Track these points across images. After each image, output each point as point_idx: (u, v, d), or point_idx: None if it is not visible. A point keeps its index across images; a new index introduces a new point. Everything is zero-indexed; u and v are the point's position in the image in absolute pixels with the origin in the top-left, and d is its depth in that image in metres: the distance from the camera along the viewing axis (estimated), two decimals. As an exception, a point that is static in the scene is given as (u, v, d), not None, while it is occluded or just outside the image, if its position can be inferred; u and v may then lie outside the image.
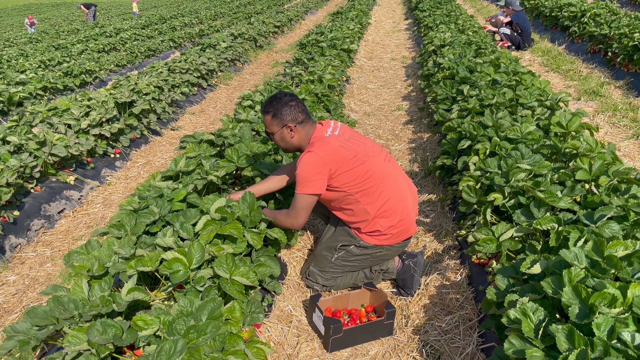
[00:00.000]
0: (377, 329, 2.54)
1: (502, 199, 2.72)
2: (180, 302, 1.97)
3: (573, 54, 7.68)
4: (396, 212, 2.60)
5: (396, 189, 2.61)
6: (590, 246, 1.97)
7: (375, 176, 2.54)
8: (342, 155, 2.48)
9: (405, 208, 2.64)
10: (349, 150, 2.51)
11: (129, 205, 2.77)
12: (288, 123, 2.57)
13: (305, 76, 5.89)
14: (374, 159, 2.58)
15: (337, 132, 2.60)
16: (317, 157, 2.45)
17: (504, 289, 2.12)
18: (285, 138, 2.62)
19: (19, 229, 3.77)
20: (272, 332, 2.54)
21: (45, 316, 2.05)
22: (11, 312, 3.06)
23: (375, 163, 2.57)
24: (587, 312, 1.69)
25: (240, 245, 2.49)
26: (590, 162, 2.75)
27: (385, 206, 2.57)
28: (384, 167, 2.61)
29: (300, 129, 2.60)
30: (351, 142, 2.57)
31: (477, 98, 4.16)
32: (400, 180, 2.67)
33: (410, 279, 2.78)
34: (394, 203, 2.59)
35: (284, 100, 2.58)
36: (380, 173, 2.56)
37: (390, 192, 2.58)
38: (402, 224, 2.63)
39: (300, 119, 2.59)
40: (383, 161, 2.63)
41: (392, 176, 2.62)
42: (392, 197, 2.58)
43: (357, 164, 2.50)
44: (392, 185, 2.60)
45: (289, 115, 2.56)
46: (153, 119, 5.97)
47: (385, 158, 2.66)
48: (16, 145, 4.27)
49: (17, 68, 9.13)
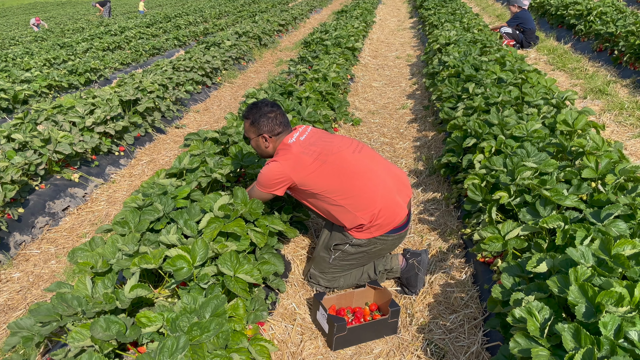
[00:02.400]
0: (381, 328, 2.52)
1: (508, 197, 2.70)
2: (184, 299, 1.96)
3: (579, 52, 7.63)
4: (373, 202, 2.56)
5: (368, 178, 2.58)
6: (597, 245, 1.95)
7: (342, 171, 2.55)
8: (302, 161, 2.52)
9: (385, 195, 2.59)
10: (310, 155, 2.54)
11: (133, 202, 2.77)
12: (264, 133, 2.64)
13: (309, 74, 5.88)
14: (339, 155, 2.58)
15: (303, 137, 2.63)
16: (277, 167, 2.54)
17: (509, 288, 2.10)
18: (260, 146, 2.71)
19: (23, 226, 3.78)
20: (275, 330, 2.54)
21: (48, 313, 2.05)
22: (15, 309, 3.06)
23: (340, 158, 2.57)
24: (593, 311, 1.67)
25: (244, 242, 2.49)
26: (597, 160, 2.73)
27: (359, 198, 2.55)
28: (353, 159, 2.60)
29: (275, 139, 2.67)
30: (315, 145, 2.58)
31: (483, 96, 4.14)
32: (376, 167, 2.64)
33: (415, 278, 2.77)
34: (369, 192, 2.56)
35: (263, 111, 2.64)
36: (348, 167, 2.56)
37: (361, 183, 2.56)
38: (385, 211, 2.58)
39: (277, 132, 2.65)
40: (352, 153, 2.62)
41: (362, 166, 2.60)
42: (365, 187, 2.56)
43: (318, 165, 2.53)
44: (363, 175, 2.58)
45: (265, 127, 2.63)
46: (157, 117, 5.97)
47: (355, 149, 2.65)
48: (21, 143, 4.28)
49: (22, 66, 9.16)
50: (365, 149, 2.71)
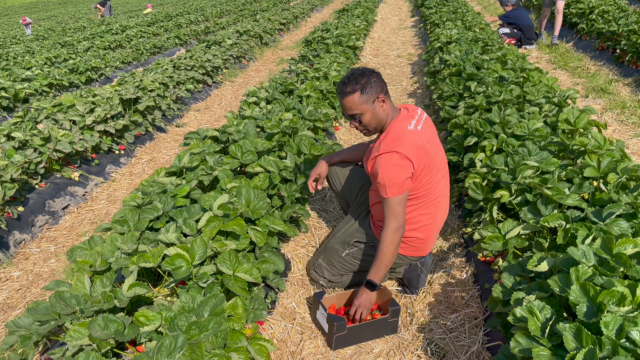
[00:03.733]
0: (382, 327, 2.51)
1: (509, 196, 2.69)
2: (182, 298, 1.95)
3: (581, 51, 7.61)
4: (426, 229, 2.54)
5: (436, 207, 2.53)
6: (598, 244, 1.94)
7: (430, 189, 2.45)
8: (421, 156, 2.32)
9: (434, 229, 2.59)
10: (428, 154, 2.36)
11: (133, 201, 2.76)
12: (379, 95, 2.34)
13: (310, 73, 5.86)
14: (438, 172, 2.47)
15: (420, 126, 2.40)
16: (400, 156, 2.26)
17: (510, 287, 2.09)
18: (378, 113, 2.37)
19: (23, 224, 3.77)
20: (275, 329, 2.52)
21: (47, 312, 2.04)
22: (15, 308, 3.06)
23: (437, 176, 2.46)
24: (595, 311, 1.66)
25: (244, 241, 2.48)
26: (599, 159, 2.72)
27: (420, 219, 2.51)
28: (441, 184, 2.52)
29: (387, 99, 2.39)
30: (430, 145, 2.41)
31: (484, 95, 4.12)
32: (443, 202, 2.59)
33: (417, 279, 2.75)
34: (429, 219, 2.52)
35: (367, 74, 2.35)
36: (435, 188, 2.47)
37: (430, 209, 2.50)
38: (425, 241, 2.58)
39: (385, 89, 2.40)
40: (442, 179, 2.53)
41: (441, 195, 2.54)
42: (430, 214, 2.51)
43: (427, 171, 2.37)
44: (436, 203, 2.51)
45: (377, 87, 2.34)
46: (158, 116, 5.96)
47: (444, 176, 2.57)
48: (21, 141, 4.27)
49: (23, 65, 9.15)
50: (447, 177, 2.62)
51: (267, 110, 4.55)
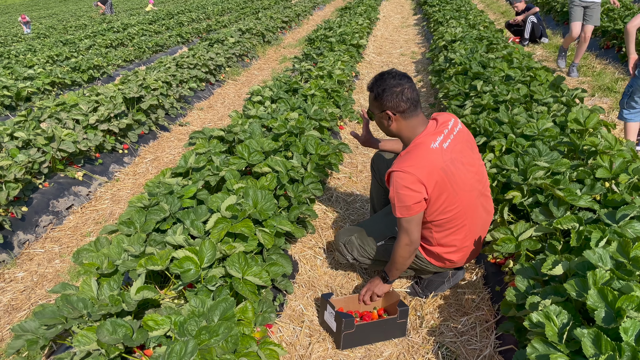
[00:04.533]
0: (390, 328, 2.47)
1: (521, 197, 2.65)
2: (192, 302, 1.92)
3: (586, 49, 7.56)
4: (463, 251, 2.49)
5: (470, 230, 2.44)
6: (614, 247, 1.90)
7: (459, 212, 2.34)
8: (439, 180, 2.21)
9: (469, 251, 2.52)
10: (449, 175, 2.24)
11: (139, 202, 2.73)
12: (387, 110, 2.27)
13: (314, 71, 5.83)
14: (467, 194, 2.34)
15: (446, 143, 2.27)
16: (412, 176, 2.17)
17: (524, 291, 2.05)
18: (383, 124, 2.35)
19: (27, 225, 3.74)
20: (284, 332, 2.50)
21: (53, 315, 2.01)
22: (19, 310, 3.03)
23: (466, 198, 2.34)
24: (613, 316, 1.63)
25: (252, 243, 2.45)
26: (611, 159, 2.68)
27: (454, 242, 2.44)
28: (474, 203, 2.40)
29: (401, 119, 2.28)
30: (455, 165, 2.28)
31: (491, 94, 4.09)
32: (479, 222, 2.49)
33: (439, 285, 2.69)
34: (462, 242, 2.45)
35: (388, 83, 2.25)
36: (466, 209, 2.36)
37: (463, 233, 2.42)
38: (459, 260, 2.54)
39: (402, 109, 2.25)
40: (476, 198, 2.41)
41: (476, 213, 2.43)
42: (465, 236, 2.44)
43: (449, 194, 2.27)
44: (470, 222, 2.42)
45: (389, 102, 2.25)
46: (161, 115, 5.93)
47: (480, 193, 2.44)
48: (24, 141, 4.24)
49: (25, 63, 9.12)
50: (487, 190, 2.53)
51: (272, 110, 4.52)
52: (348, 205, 3.72)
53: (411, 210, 2.21)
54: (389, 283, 2.47)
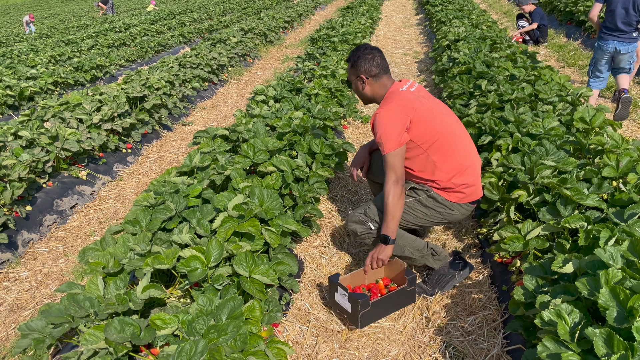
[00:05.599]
0: (402, 298, 2.55)
1: (527, 196, 2.64)
2: (199, 301, 1.91)
3: (589, 49, 7.54)
4: (468, 171, 2.60)
5: (470, 150, 2.66)
6: (625, 246, 1.89)
7: (447, 134, 2.56)
8: (416, 106, 2.50)
9: (475, 169, 2.65)
10: (424, 104, 2.55)
11: (145, 201, 2.72)
12: (361, 74, 2.62)
13: (318, 71, 5.82)
14: (446, 117, 2.62)
15: (413, 88, 2.63)
16: (391, 111, 2.49)
17: (532, 290, 2.04)
18: (359, 89, 2.69)
19: (31, 224, 3.73)
20: (290, 331, 2.49)
21: (60, 314, 2.00)
22: (24, 309, 3.02)
23: (447, 121, 2.61)
24: (625, 316, 1.61)
25: (258, 242, 2.44)
26: (618, 158, 2.67)
27: (457, 164, 2.57)
28: (455, 127, 2.64)
29: (373, 82, 2.63)
30: (425, 99, 2.62)
31: (496, 93, 4.07)
32: (470, 143, 2.70)
33: (448, 280, 2.70)
34: (465, 162, 2.60)
35: (362, 52, 2.63)
36: (452, 132, 2.59)
37: (461, 151, 2.59)
38: (475, 183, 2.63)
39: (374, 73, 2.61)
40: (455, 123, 2.66)
41: (462, 137, 2.66)
42: (463, 156, 2.60)
43: (430, 117, 2.53)
44: (462, 145, 2.62)
45: (363, 67, 2.61)
46: (164, 114, 5.92)
47: (456, 121, 2.70)
48: (28, 140, 4.24)
49: (28, 63, 9.12)
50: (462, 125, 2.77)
51: (275, 109, 4.51)
52: (353, 204, 3.71)
53: (396, 142, 2.45)
54: (390, 243, 2.51)
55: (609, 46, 4.49)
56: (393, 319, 2.58)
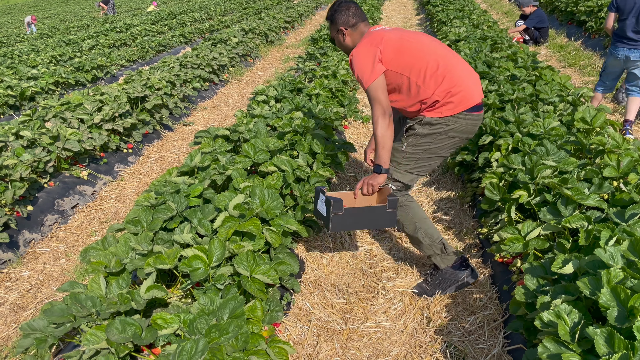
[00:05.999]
0: (379, 216, 2.50)
1: (528, 196, 2.64)
2: (201, 301, 1.92)
3: (590, 49, 7.55)
4: (449, 78, 2.50)
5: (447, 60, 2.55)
6: (625, 246, 1.89)
7: (421, 52, 2.54)
8: (384, 37, 2.55)
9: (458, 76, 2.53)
10: (393, 34, 2.59)
11: (146, 200, 2.72)
12: (340, 27, 2.69)
13: (319, 71, 5.82)
14: (418, 37, 2.63)
15: (385, 27, 2.68)
16: (362, 47, 2.55)
17: (533, 290, 2.04)
18: (341, 42, 2.74)
19: (32, 224, 3.74)
20: (291, 331, 2.49)
21: (62, 313, 2.01)
22: (26, 308, 3.03)
23: (419, 40, 2.61)
24: (626, 315, 1.62)
25: (259, 242, 2.45)
26: (618, 158, 2.67)
27: (436, 75, 2.50)
28: (430, 44, 2.61)
29: (352, 32, 2.69)
30: (398, 31, 2.65)
31: (497, 93, 4.08)
32: (451, 55, 2.62)
33: (450, 284, 2.69)
34: (444, 70, 2.51)
35: (337, 6, 2.71)
36: (428, 48, 2.57)
37: (439, 62, 2.52)
38: (460, 88, 2.51)
39: (351, 23, 2.68)
40: (430, 40, 2.64)
41: (440, 50, 2.60)
42: (442, 66, 2.51)
43: (399, 43, 2.55)
44: (442, 56, 2.55)
45: (340, 19, 2.68)
46: (165, 114, 5.93)
47: (432, 39, 2.67)
48: (29, 140, 4.25)
49: (29, 63, 9.13)
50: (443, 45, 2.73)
51: (276, 109, 4.52)
52: (353, 204, 3.71)
53: (371, 73, 2.48)
54: (383, 172, 2.53)
55: (619, 53, 4.53)
56: (394, 319, 2.59)
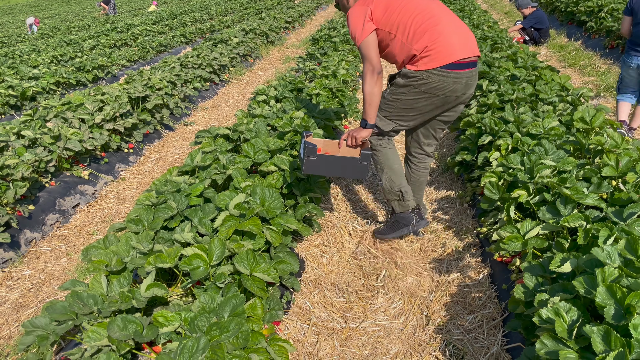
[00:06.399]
0: (351, 167, 2.72)
1: (527, 195, 2.65)
2: (202, 299, 1.93)
3: (590, 49, 7.56)
4: (430, 33, 2.58)
5: (432, 15, 2.63)
6: (622, 244, 1.91)
7: (410, 9, 2.63)
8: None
9: (442, 31, 2.59)
10: None
11: (147, 200, 2.74)
12: None
13: (319, 71, 5.84)
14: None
15: None
16: (355, 7, 2.71)
17: (532, 288, 2.06)
18: (345, 5, 2.88)
19: (34, 223, 3.76)
20: (291, 329, 2.50)
21: (64, 311, 2.03)
22: (27, 307, 3.04)
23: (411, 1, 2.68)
24: (622, 313, 1.63)
25: (259, 241, 2.46)
26: (617, 158, 2.69)
27: (419, 31, 2.59)
28: (423, 2, 2.68)
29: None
30: None
31: (497, 93, 4.09)
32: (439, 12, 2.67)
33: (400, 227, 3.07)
34: (428, 25, 2.59)
35: None
36: (417, 6, 2.65)
37: (424, 18, 2.61)
38: (438, 44, 2.57)
39: None
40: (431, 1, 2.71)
41: (429, 7, 2.66)
42: (427, 21, 2.60)
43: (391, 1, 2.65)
44: (428, 13, 2.63)
45: None
46: (166, 114, 5.94)
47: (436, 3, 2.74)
48: (31, 140, 4.26)
49: (30, 63, 9.15)
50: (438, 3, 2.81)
51: (277, 109, 4.53)
52: (353, 203, 3.73)
53: (362, 31, 2.62)
54: (369, 127, 2.72)
55: (632, 62, 4.38)
56: (393, 317, 2.60)
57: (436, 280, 2.87)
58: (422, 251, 3.14)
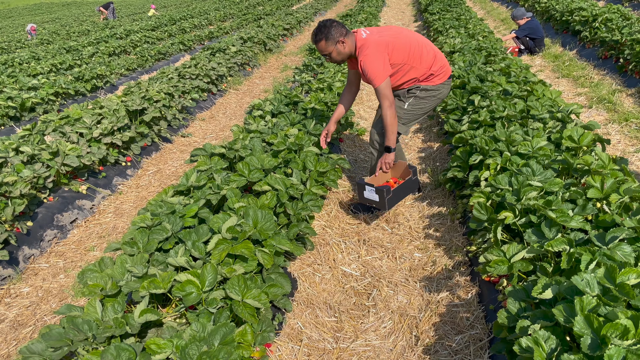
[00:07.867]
0: (410, 185, 3.57)
1: (513, 217, 2.71)
2: (193, 327, 1.99)
3: (584, 59, 7.62)
4: (437, 59, 3.49)
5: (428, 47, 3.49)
6: (602, 272, 1.97)
7: (412, 45, 3.39)
8: (385, 42, 3.30)
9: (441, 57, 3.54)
10: (385, 37, 3.34)
11: (142, 222, 2.80)
12: (339, 39, 3.29)
13: (314, 84, 5.90)
14: (403, 33, 3.46)
15: (368, 32, 3.39)
16: (373, 54, 3.25)
17: (515, 313, 2.12)
18: (340, 51, 3.34)
19: (32, 239, 3.81)
20: (282, 350, 2.56)
21: (60, 337, 2.08)
22: (25, 325, 3.10)
23: (407, 36, 3.44)
24: (599, 343, 1.69)
25: (252, 263, 2.52)
26: (602, 180, 2.75)
27: (429, 58, 3.43)
28: (413, 38, 3.46)
29: (347, 39, 3.32)
30: (382, 32, 3.40)
31: (488, 110, 4.15)
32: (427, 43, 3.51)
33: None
34: (432, 53, 3.47)
35: (328, 26, 3.30)
36: (415, 42, 3.42)
37: (425, 49, 3.43)
38: (445, 64, 3.55)
39: (345, 32, 3.32)
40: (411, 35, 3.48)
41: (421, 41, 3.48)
42: (430, 51, 3.46)
43: (397, 42, 3.34)
44: (425, 45, 3.46)
45: (337, 33, 3.29)
46: (164, 126, 6.01)
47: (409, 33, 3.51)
48: (29, 156, 4.32)
49: (29, 72, 9.22)
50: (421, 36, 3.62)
51: (272, 124, 4.59)
52: (346, 220, 3.79)
53: (383, 75, 3.25)
54: (392, 152, 3.45)
55: None
56: (383, 337, 2.66)
57: (426, 299, 2.92)
58: (413, 269, 3.20)
